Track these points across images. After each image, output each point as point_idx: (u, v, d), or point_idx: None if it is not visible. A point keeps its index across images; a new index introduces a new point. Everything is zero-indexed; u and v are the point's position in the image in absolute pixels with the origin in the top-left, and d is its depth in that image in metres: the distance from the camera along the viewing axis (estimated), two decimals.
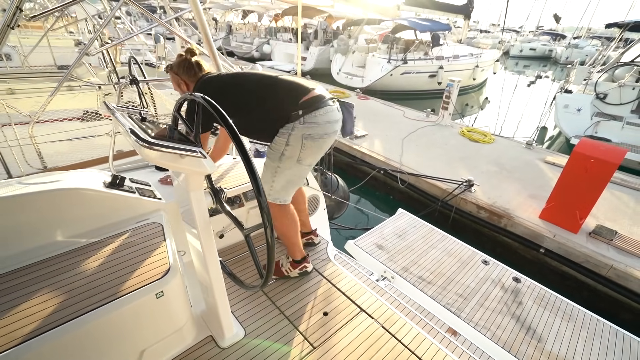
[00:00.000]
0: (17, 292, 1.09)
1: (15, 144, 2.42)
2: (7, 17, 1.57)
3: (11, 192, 1.18)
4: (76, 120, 3.10)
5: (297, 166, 1.57)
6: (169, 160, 0.96)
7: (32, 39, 6.03)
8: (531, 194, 4.37)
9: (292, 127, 1.48)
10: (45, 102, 2.36)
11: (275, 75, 1.60)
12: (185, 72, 1.67)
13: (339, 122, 1.60)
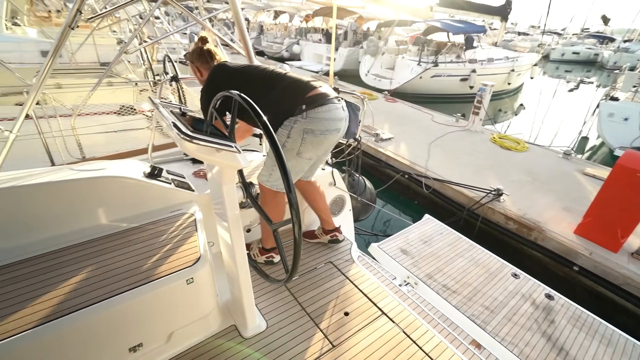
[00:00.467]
0: (65, 268, 1.21)
1: (58, 134, 2.59)
2: (69, 18, 1.70)
3: (64, 177, 1.30)
4: (113, 114, 3.29)
5: (296, 159, 1.60)
6: (205, 154, 0.99)
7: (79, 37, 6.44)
8: (566, 207, 4.12)
9: (295, 120, 1.52)
10: (86, 96, 2.52)
11: (284, 71, 1.65)
12: (198, 59, 1.74)
13: (342, 120, 1.61)
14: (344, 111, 1.62)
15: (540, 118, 9.96)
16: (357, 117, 1.74)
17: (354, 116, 1.71)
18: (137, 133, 3.18)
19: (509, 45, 14.37)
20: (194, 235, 1.41)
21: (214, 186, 1.30)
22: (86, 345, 1.10)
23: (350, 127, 1.70)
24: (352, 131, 1.73)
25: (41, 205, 1.27)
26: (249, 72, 1.65)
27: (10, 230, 1.24)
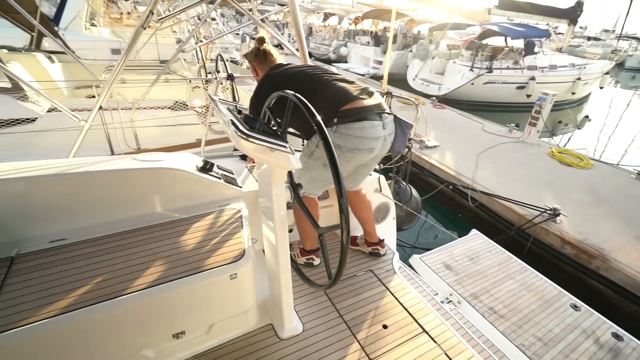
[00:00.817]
0: (121, 252, 1.29)
1: (119, 126, 2.80)
2: (142, 19, 1.84)
3: (127, 166, 1.40)
4: (167, 108, 3.50)
5: (322, 169, 1.57)
6: (260, 152, 1.00)
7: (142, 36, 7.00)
8: (637, 236, 3.64)
9: None
10: (145, 91, 2.70)
11: (330, 78, 1.58)
12: (255, 58, 1.77)
13: (379, 139, 1.51)
14: (385, 129, 1.53)
15: (608, 133, 8.98)
16: (405, 135, 1.63)
17: (401, 133, 1.61)
18: (188, 128, 3.35)
19: (576, 52, 13.07)
20: (239, 232, 1.43)
21: (263, 185, 1.31)
22: (134, 327, 1.16)
23: (395, 143, 1.61)
24: (396, 148, 1.64)
25: (106, 190, 1.36)
26: (298, 77, 1.62)
27: (78, 211, 1.34)
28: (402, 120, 1.62)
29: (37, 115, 2.93)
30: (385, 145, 1.58)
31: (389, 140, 1.59)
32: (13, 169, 1.26)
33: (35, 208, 1.26)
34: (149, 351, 1.25)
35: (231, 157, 2.18)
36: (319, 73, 1.62)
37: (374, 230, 2.03)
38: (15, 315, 1.00)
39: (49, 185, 1.26)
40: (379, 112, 1.51)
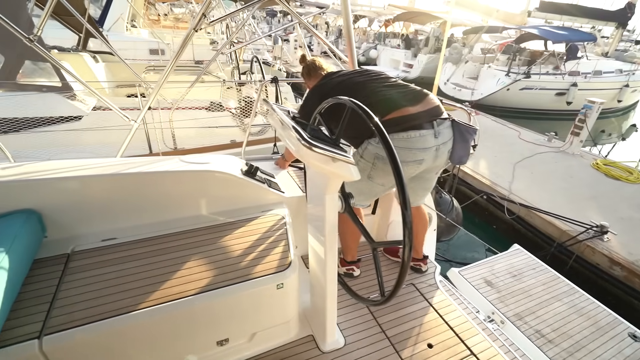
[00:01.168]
0: (170, 254, 1.29)
1: (158, 126, 2.88)
2: (195, 22, 1.88)
3: (177, 167, 1.40)
4: (203, 109, 3.56)
5: (367, 181, 1.50)
6: (321, 162, 0.97)
7: (179, 37, 7.24)
8: None
9: (368, 143, 1.43)
10: (185, 92, 2.76)
11: (376, 85, 1.50)
12: (304, 76, 1.81)
13: (429, 150, 1.40)
14: (437, 138, 1.41)
15: None
16: (467, 142, 1.47)
17: (462, 140, 1.46)
18: (222, 129, 3.40)
19: (624, 56, 12.23)
20: (285, 239, 1.41)
21: (314, 193, 1.27)
22: (182, 333, 1.16)
23: (455, 152, 1.48)
24: (457, 158, 1.50)
25: (155, 191, 1.38)
26: (340, 87, 1.56)
27: (127, 211, 1.36)
28: (463, 125, 1.46)
29: (83, 113, 3.07)
30: (439, 156, 1.45)
31: (444, 150, 1.46)
32: (68, 167, 1.30)
33: (88, 206, 1.29)
34: (192, 357, 1.25)
35: (270, 160, 2.16)
36: (364, 80, 1.54)
37: (421, 247, 1.95)
38: (74, 314, 1.02)
39: (102, 184, 1.29)
40: (431, 119, 1.39)
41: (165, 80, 2.10)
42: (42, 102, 2.82)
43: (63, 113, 2.88)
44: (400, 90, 1.47)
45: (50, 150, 2.62)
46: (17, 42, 2.83)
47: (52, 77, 3.07)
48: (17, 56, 2.87)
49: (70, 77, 3.31)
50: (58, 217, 1.24)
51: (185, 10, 15.24)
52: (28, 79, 2.99)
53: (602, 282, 3.44)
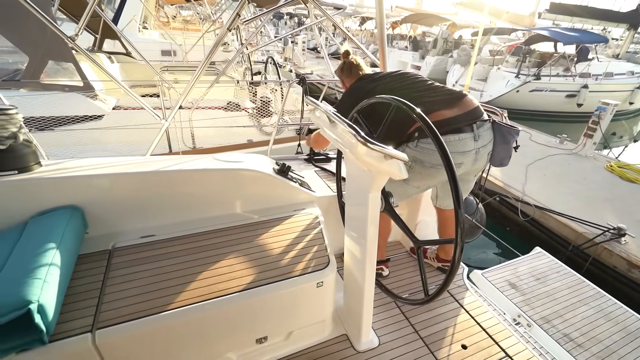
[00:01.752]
0: (209, 252, 1.29)
1: (178, 125, 2.91)
2: (229, 21, 1.91)
3: (212, 166, 1.41)
4: (220, 109, 3.60)
5: (402, 183, 1.49)
6: (374, 159, 0.98)
7: (190, 39, 7.31)
8: None
9: (405, 146, 1.43)
10: (205, 92, 2.80)
11: (413, 88, 1.49)
12: (343, 73, 1.78)
13: (468, 154, 1.38)
14: (477, 140, 1.38)
15: None
16: (508, 144, 1.43)
17: (503, 142, 1.42)
18: (239, 128, 3.42)
19: (636, 58, 12.11)
20: (321, 238, 1.42)
21: (356, 191, 1.26)
22: (223, 330, 1.18)
23: (496, 154, 1.45)
24: (498, 160, 1.47)
25: (191, 188, 1.39)
26: (377, 91, 1.55)
27: (164, 208, 1.37)
28: (504, 127, 1.43)
29: (104, 112, 3.12)
30: (478, 159, 1.43)
31: (484, 153, 1.44)
32: (104, 164, 1.32)
33: (127, 203, 1.30)
34: (232, 354, 1.26)
35: (295, 159, 2.17)
36: (400, 86, 1.53)
37: (452, 249, 1.95)
38: (122, 309, 1.04)
39: (141, 181, 1.30)
40: (470, 122, 1.37)
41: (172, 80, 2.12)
42: (65, 102, 2.87)
43: (85, 112, 2.92)
44: (439, 94, 1.44)
45: (75, 148, 2.66)
46: (40, 43, 2.89)
47: (73, 77, 3.12)
48: (41, 56, 2.93)
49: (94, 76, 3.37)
50: (99, 214, 1.26)
51: (192, 13, 15.40)
52: (49, 78, 3.04)
53: (619, 285, 3.40)
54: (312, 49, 18.76)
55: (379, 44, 2.20)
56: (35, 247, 0.98)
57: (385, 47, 2.17)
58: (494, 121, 1.44)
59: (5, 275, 0.90)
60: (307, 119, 3.46)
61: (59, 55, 3.04)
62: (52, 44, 2.94)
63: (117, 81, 2.02)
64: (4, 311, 0.80)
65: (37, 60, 2.92)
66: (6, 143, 1.11)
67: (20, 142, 1.15)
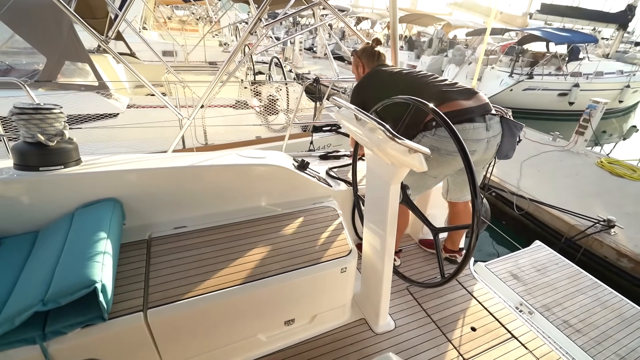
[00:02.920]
0: (242, 240, 1.39)
1: (192, 123, 3.01)
2: (251, 25, 2.01)
3: (239, 161, 1.49)
4: (229, 107, 3.71)
5: (421, 176, 1.56)
6: (400, 153, 1.04)
7: (189, 39, 7.40)
8: None
9: (423, 135, 1.49)
10: (217, 90, 2.91)
11: (427, 80, 1.59)
12: (366, 56, 1.86)
13: (481, 142, 1.47)
14: (488, 131, 1.47)
15: None
16: (514, 137, 1.54)
17: (510, 135, 1.53)
18: (248, 125, 3.54)
19: (625, 58, 12.44)
20: (341, 228, 1.51)
21: (376, 184, 1.34)
22: (256, 311, 1.27)
23: (503, 146, 1.55)
24: (504, 151, 1.57)
25: (219, 182, 1.46)
26: (398, 80, 1.66)
27: (194, 200, 1.45)
28: (511, 121, 1.54)
29: (119, 111, 3.22)
30: (489, 148, 1.53)
31: (494, 143, 1.53)
32: (138, 159, 1.41)
33: (160, 196, 1.38)
34: (262, 335, 1.36)
35: (308, 156, 2.27)
36: (417, 76, 1.64)
37: (459, 240, 2.06)
38: (168, 292, 1.14)
39: (174, 176, 1.38)
40: (483, 113, 1.47)
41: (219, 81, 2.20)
42: (82, 101, 2.96)
43: (101, 111, 3.02)
44: (454, 87, 1.54)
45: (94, 145, 2.75)
46: (58, 44, 2.97)
47: (87, 77, 3.21)
48: (58, 57, 3.02)
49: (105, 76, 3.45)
50: (135, 206, 1.35)
51: (188, 13, 15.41)
52: (65, 78, 3.13)
53: (609, 274, 3.59)
54: (307, 49, 18.87)
55: (392, 44, 2.32)
56: (88, 235, 1.07)
57: (397, 47, 2.28)
58: (502, 116, 1.55)
59: (67, 258, 1.00)
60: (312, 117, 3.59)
61: (75, 56, 3.13)
62: (69, 45, 3.03)
63: (146, 82, 2.10)
64: (74, 289, 0.90)
65: (54, 61, 3.01)
66: (54, 140, 1.19)
67: (66, 139, 1.23)
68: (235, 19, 9.44)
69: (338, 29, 21.68)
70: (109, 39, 1.93)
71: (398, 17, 2.20)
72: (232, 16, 10.02)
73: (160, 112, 2.24)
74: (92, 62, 3.18)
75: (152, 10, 8.65)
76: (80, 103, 2.89)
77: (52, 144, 1.17)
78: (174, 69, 4.94)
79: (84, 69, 3.25)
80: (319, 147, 3.77)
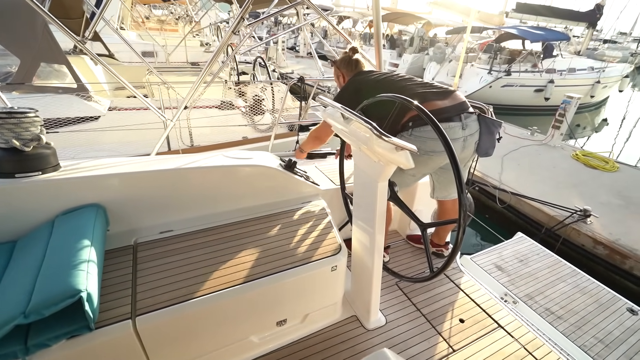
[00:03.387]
0: (230, 242, 1.36)
1: (177, 124, 2.96)
2: (233, 24, 1.97)
3: (223, 162, 1.46)
4: (214, 108, 3.66)
5: (399, 172, 1.57)
6: (387, 150, 1.06)
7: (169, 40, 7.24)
8: None
9: (400, 136, 1.51)
10: (202, 91, 2.87)
11: (408, 83, 1.62)
12: (344, 66, 1.88)
13: (457, 141, 1.51)
14: (465, 129, 1.50)
15: (626, 136, 8.92)
16: (492, 135, 1.57)
17: (488, 133, 1.56)
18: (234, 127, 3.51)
19: (595, 55, 13.01)
20: (330, 227, 1.51)
21: (364, 181, 1.34)
22: (247, 313, 1.26)
23: (482, 144, 1.59)
24: (483, 149, 1.60)
25: (205, 185, 1.43)
26: (377, 84, 1.68)
27: (180, 204, 1.41)
28: (489, 119, 1.57)
29: (100, 113, 3.12)
30: (466, 147, 1.56)
31: (471, 141, 1.56)
32: (120, 163, 1.35)
33: (145, 200, 1.34)
34: (255, 337, 1.35)
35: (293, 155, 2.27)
36: (397, 79, 1.67)
37: (446, 235, 2.11)
38: (157, 297, 1.11)
39: (158, 179, 1.34)
40: (459, 112, 1.51)
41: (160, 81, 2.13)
42: (60, 104, 2.85)
43: (82, 113, 2.92)
44: (430, 88, 1.58)
45: (74, 149, 2.66)
46: (32, 45, 2.86)
47: (65, 79, 3.10)
48: (33, 58, 2.90)
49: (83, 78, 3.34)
50: (119, 211, 1.30)
51: (166, 13, 15.07)
52: (41, 80, 3.01)
53: (586, 261, 3.76)
54: (290, 49, 18.81)
55: (375, 43, 2.33)
56: (71, 242, 1.03)
57: (380, 45, 2.31)
58: (480, 114, 1.59)
59: (49, 267, 0.95)
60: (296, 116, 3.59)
61: (51, 58, 3.02)
62: (44, 46, 2.92)
63: (127, 84, 2.03)
64: (57, 299, 0.86)
65: (29, 63, 2.89)
66: (30, 145, 1.12)
67: (43, 144, 1.17)
68: (216, 18, 9.32)
69: (320, 28, 21.70)
70: (86, 39, 1.84)
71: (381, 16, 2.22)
72: (213, 16, 9.88)
73: (143, 114, 2.18)
74: (69, 63, 3.07)
75: (130, 10, 8.41)
76: (59, 106, 2.79)
77: (28, 149, 1.11)
78: (157, 69, 4.84)
79: (60, 71, 3.13)
80: None
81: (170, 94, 3.36)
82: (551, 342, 1.68)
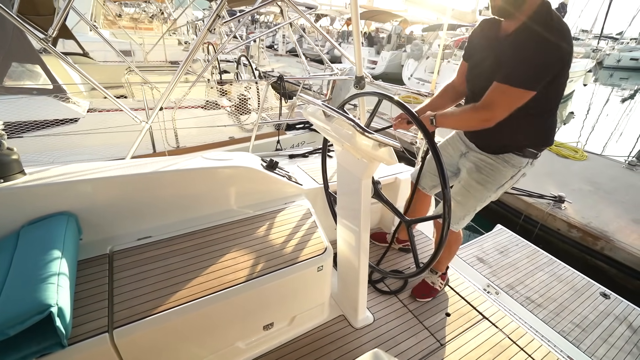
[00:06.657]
0: (212, 247, 1.31)
1: (161, 126, 2.90)
2: (209, 22, 1.93)
3: (202, 164, 1.41)
4: (199, 108, 3.60)
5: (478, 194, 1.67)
6: (371, 148, 1.04)
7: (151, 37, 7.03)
8: (636, 219, 3.94)
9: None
10: (187, 91, 2.82)
11: None
12: None
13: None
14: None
15: (591, 126, 9.47)
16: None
17: None
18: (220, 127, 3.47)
19: None
20: (315, 227, 1.49)
21: (348, 180, 1.32)
22: (232, 320, 1.23)
23: None
24: None
25: (184, 188, 1.37)
26: None
27: (158, 209, 1.35)
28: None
29: (79, 115, 3.00)
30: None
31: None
32: (92, 169, 1.28)
33: (120, 206, 1.28)
34: (241, 343, 1.32)
35: (276, 155, 2.21)
36: None
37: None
38: (135, 308, 1.06)
39: (133, 184, 1.28)
40: None
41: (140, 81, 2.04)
42: (35, 105, 2.72)
43: (59, 116, 2.80)
44: None
45: (51, 154, 2.54)
46: (1, 44, 2.71)
47: (39, 80, 2.96)
48: (3, 58, 2.75)
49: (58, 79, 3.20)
50: (92, 219, 1.24)
51: (139, 10, 14.58)
52: (13, 81, 2.86)
53: (562, 244, 3.98)
54: (268, 47, 18.64)
55: (355, 44, 2.35)
56: (39, 254, 0.96)
57: (360, 46, 2.32)
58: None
59: (14, 283, 0.88)
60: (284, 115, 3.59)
61: (24, 57, 2.87)
62: (15, 45, 2.76)
63: (97, 85, 1.91)
64: (24, 317, 0.79)
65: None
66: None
67: (4, 150, 1.09)
68: (192, 16, 9.11)
69: (299, 26, 21.61)
70: (51, 36, 1.69)
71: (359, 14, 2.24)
72: (189, 14, 9.66)
73: (124, 115, 2.11)
74: (43, 63, 2.93)
75: (102, 6, 8.09)
76: (34, 108, 2.66)
77: None
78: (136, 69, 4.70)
79: (34, 71, 2.99)
80: (293, 145, 3.77)
81: (154, 94, 3.28)
82: (533, 330, 1.73)
